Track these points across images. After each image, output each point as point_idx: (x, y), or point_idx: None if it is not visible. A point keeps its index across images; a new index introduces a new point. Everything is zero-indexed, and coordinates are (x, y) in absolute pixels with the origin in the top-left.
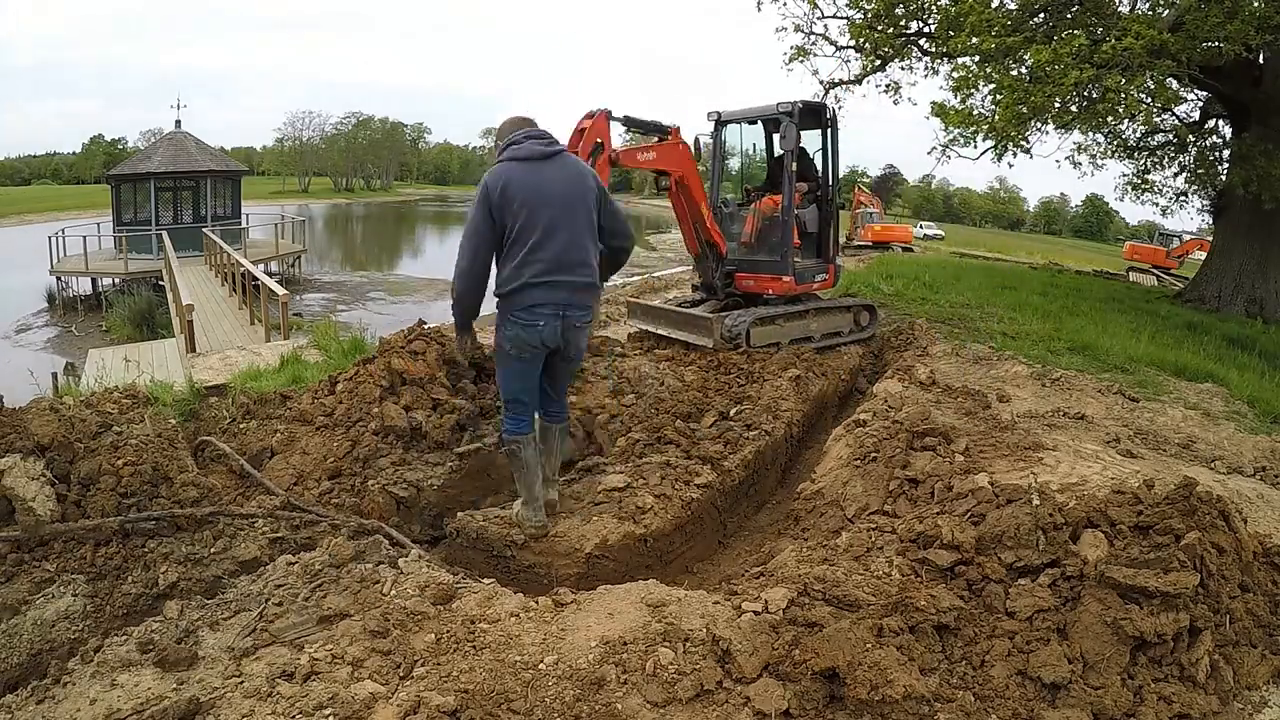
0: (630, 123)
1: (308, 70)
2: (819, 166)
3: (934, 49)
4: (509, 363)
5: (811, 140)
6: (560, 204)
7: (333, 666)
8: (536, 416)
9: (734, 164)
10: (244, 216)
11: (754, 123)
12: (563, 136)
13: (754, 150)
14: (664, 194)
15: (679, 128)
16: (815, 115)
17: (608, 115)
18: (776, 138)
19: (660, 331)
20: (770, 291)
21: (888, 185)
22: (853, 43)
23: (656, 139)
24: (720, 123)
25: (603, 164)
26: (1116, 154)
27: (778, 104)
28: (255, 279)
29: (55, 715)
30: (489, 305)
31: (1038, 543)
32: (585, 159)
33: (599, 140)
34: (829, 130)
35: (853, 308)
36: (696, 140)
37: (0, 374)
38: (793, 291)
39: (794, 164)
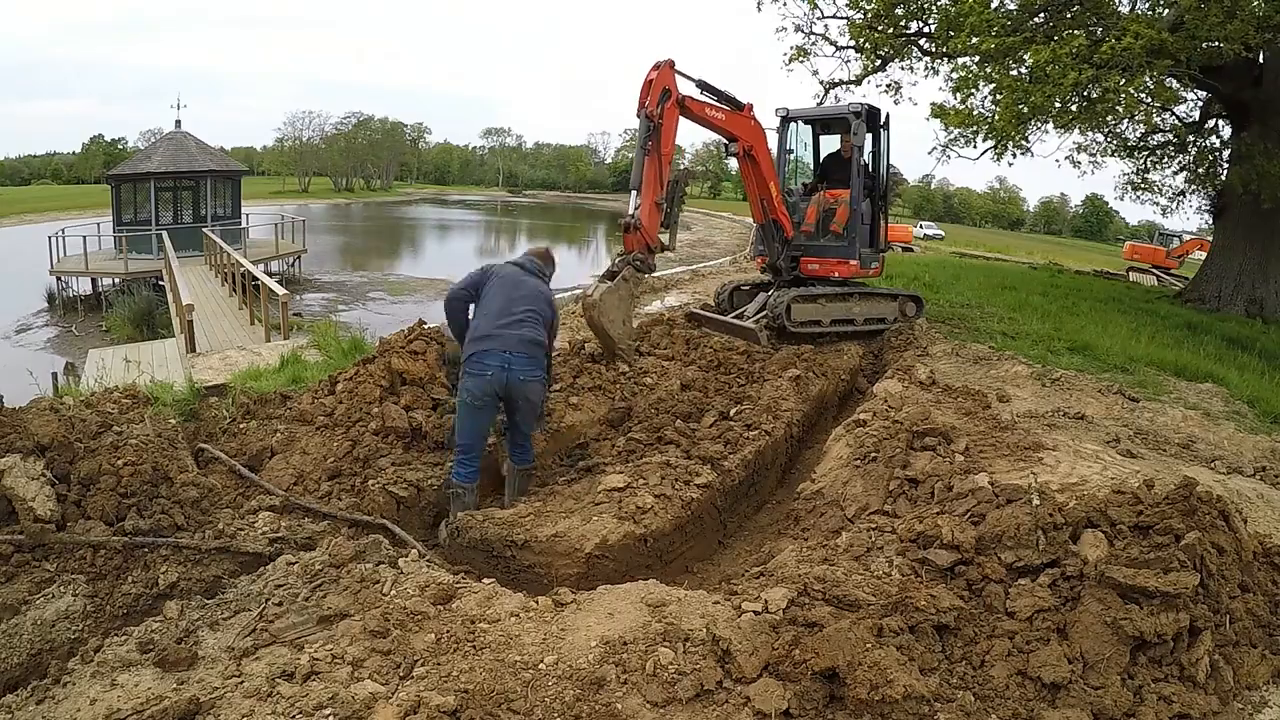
0: (705, 87)
1: (308, 70)
2: (872, 165)
3: (934, 49)
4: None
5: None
6: (526, 294)
7: (333, 666)
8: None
9: (799, 159)
10: (244, 216)
11: (818, 122)
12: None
13: (815, 148)
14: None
15: (752, 105)
16: (872, 118)
17: (672, 64)
18: (841, 136)
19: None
20: (837, 274)
21: (889, 185)
22: (853, 43)
23: (729, 108)
24: (786, 120)
25: (670, 109)
26: (1116, 153)
27: (848, 105)
28: (255, 279)
29: (55, 715)
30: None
31: (1038, 543)
32: (654, 106)
33: (666, 88)
34: (883, 132)
35: (899, 296)
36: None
37: (0, 374)
38: (857, 275)
39: (862, 159)
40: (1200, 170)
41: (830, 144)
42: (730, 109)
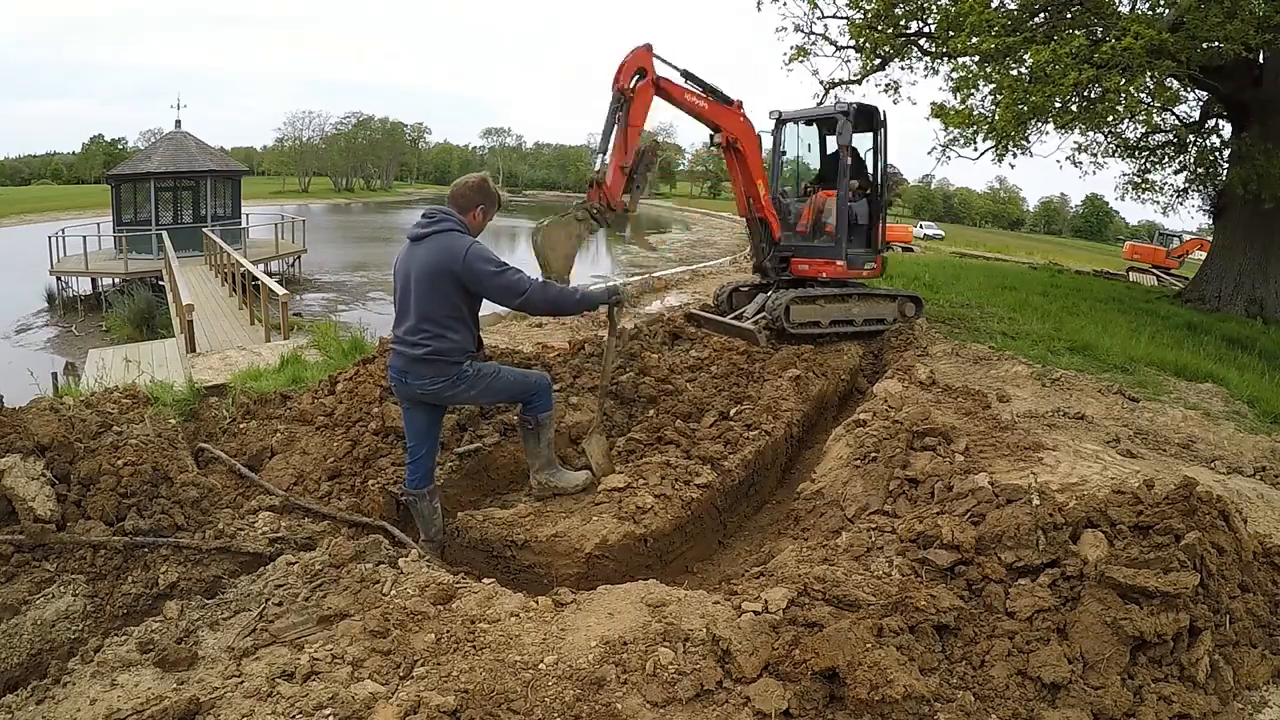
0: (689, 77)
1: (308, 70)
2: (869, 165)
3: (934, 49)
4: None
5: (862, 141)
6: (416, 282)
7: (333, 666)
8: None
9: (793, 161)
10: (244, 216)
11: (811, 123)
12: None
13: (809, 149)
14: (663, 194)
15: (742, 102)
16: (868, 117)
17: (649, 47)
18: (830, 136)
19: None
20: (824, 274)
21: (887, 185)
22: (853, 43)
23: (715, 100)
24: (780, 121)
25: (644, 86)
26: (1117, 153)
27: (835, 104)
28: (255, 279)
29: (55, 715)
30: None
31: (1038, 543)
32: (626, 82)
33: (641, 68)
34: (880, 132)
35: (898, 297)
36: (759, 137)
37: (0, 374)
38: (845, 276)
39: (849, 158)
40: (1200, 170)
41: (828, 145)
42: (716, 101)
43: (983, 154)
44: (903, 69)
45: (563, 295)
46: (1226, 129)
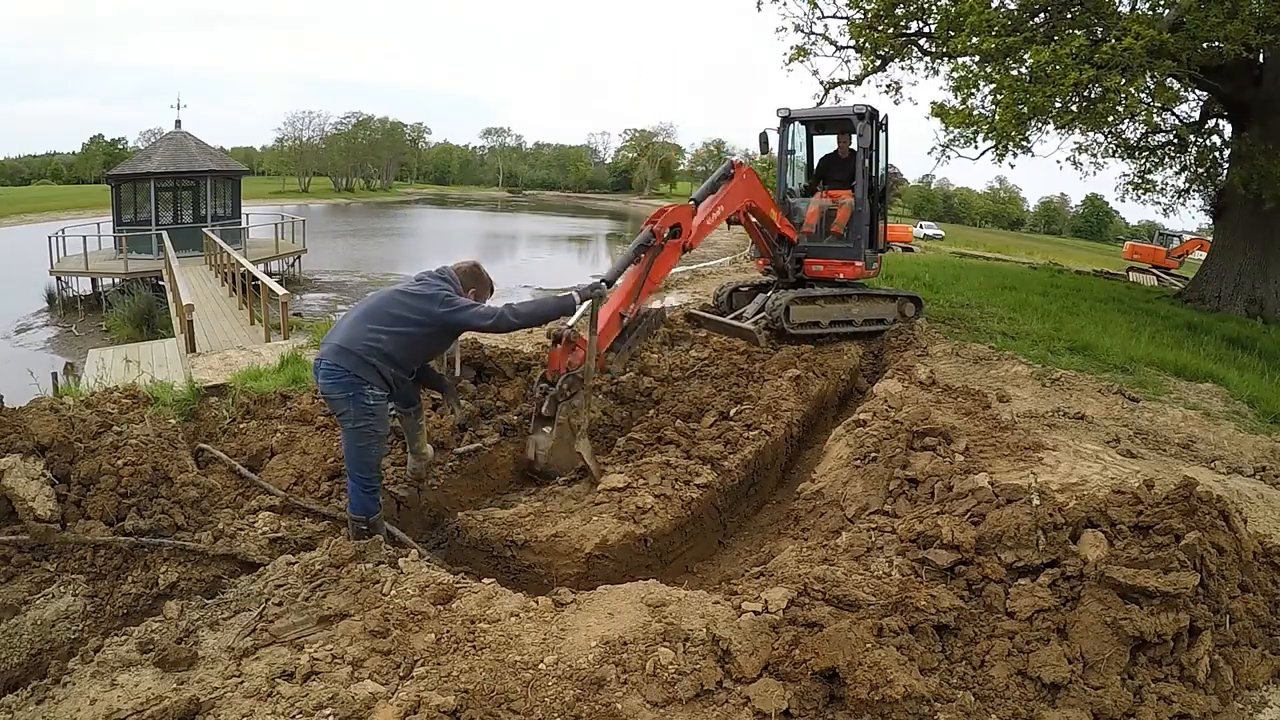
0: (697, 200)
1: (308, 70)
2: (870, 166)
3: (934, 49)
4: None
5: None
6: (391, 293)
7: (333, 666)
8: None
9: (800, 160)
10: (244, 216)
11: (819, 122)
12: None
13: (817, 148)
14: (662, 194)
15: (739, 162)
16: (872, 118)
17: (693, 210)
18: (838, 137)
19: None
20: (842, 275)
21: (888, 185)
22: (853, 43)
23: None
24: (787, 120)
25: (674, 247)
26: (1117, 153)
27: (852, 106)
28: (255, 279)
29: (55, 715)
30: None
31: (1038, 543)
32: (663, 229)
33: (679, 224)
34: (881, 132)
35: (898, 297)
36: (764, 135)
37: (0, 374)
38: (864, 276)
39: (866, 160)
40: (1201, 170)
41: (828, 144)
42: (724, 185)
43: (983, 154)
44: (903, 69)
45: (538, 308)
46: (1227, 129)
